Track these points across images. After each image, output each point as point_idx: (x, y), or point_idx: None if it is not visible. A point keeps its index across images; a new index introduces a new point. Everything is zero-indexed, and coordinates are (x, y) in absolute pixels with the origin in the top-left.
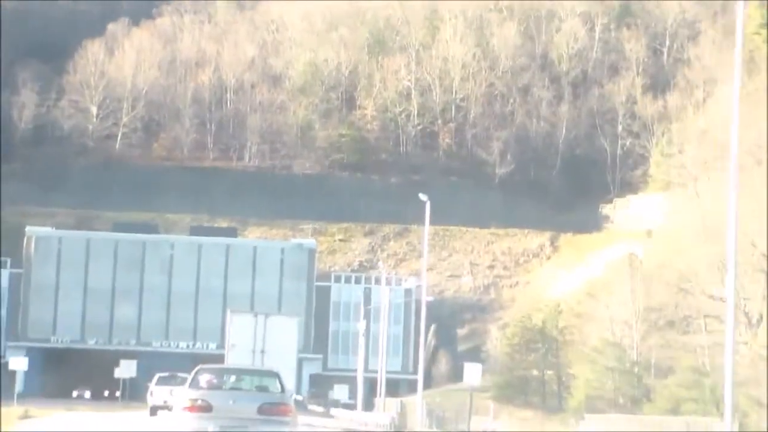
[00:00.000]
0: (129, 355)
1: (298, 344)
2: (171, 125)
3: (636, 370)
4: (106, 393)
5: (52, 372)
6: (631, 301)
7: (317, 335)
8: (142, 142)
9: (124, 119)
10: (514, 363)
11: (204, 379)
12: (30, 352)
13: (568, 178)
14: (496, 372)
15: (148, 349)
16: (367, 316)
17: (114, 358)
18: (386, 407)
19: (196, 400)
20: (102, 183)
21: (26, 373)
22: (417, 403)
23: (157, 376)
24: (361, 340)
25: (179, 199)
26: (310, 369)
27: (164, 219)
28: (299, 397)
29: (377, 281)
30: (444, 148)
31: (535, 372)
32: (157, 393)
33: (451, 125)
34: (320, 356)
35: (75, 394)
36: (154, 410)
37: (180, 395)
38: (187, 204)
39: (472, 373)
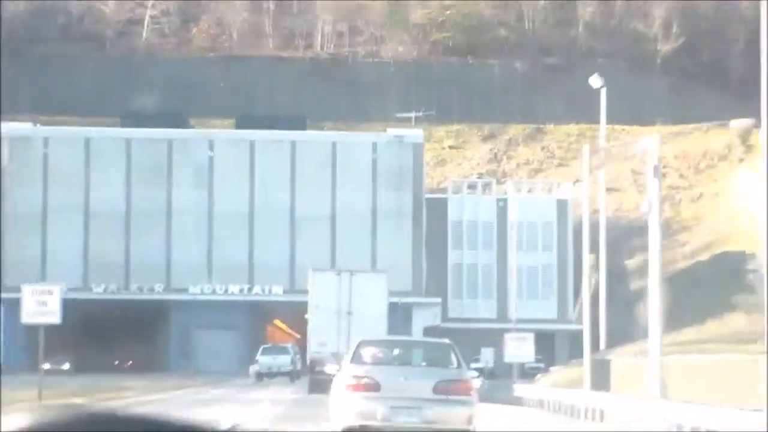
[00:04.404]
0: (156, 305)
1: (389, 303)
2: (215, 5)
3: None
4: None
5: (45, 334)
6: None
7: (432, 270)
8: (177, 28)
9: None
10: None
11: (368, 352)
12: (8, 306)
13: (756, 55)
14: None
15: (184, 297)
16: (502, 240)
17: (134, 311)
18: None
19: (361, 377)
20: (124, 85)
21: (5, 336)
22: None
23: (261, 347)
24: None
25: (228, 101)
26: (423, 319)
27: (208, 126)
28: (474, 373)
29: (516, 188)
30: (585, 19)
31: None
32: (262, 362)
33: None
34: (438, 300)
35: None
36: (260, 377)
37: (341, 372)
38: (238, 108)
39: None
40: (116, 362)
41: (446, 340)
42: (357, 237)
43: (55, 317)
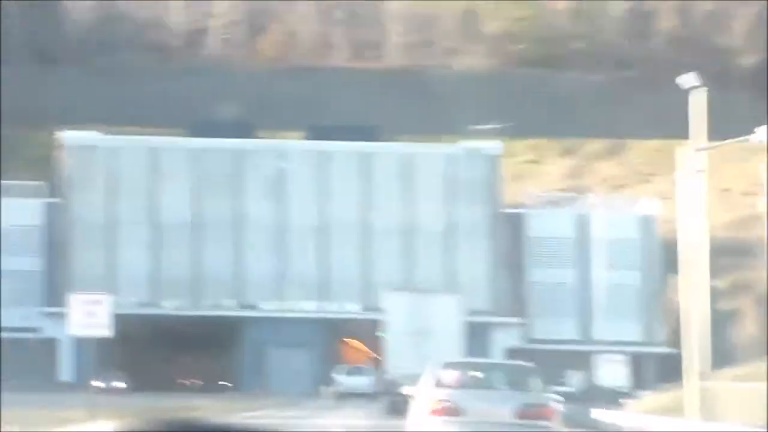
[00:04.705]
0: (226, 322)
1: (464, 323)
2: (283, 15)
3: None
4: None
5: (110, 351)
6: None
7: (511, 288)
8: (245, 38)
9: (219, 8)
10: None
11: (449, 375)
12: None
13: None
14: None
15: (255, 314)
16: (583, 257)
17: (203, 327)
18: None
19: (442, 401)
20: (191, 96)
21: (75, 353)
22: None
23: (340, 367)
24: None
25: (297, 113)
26: (505, 340)
27: (276, 138)
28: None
29: (599, 203)
30: (664, 31)
31: None
32: (340, 382)
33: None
34: (518, 320)
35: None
36: (338, 397)
37: (421, 395)
38: (307, 120)
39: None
40: (180, 381)
41: (528, 363)
42: (433, 252)
43: (104, 329)
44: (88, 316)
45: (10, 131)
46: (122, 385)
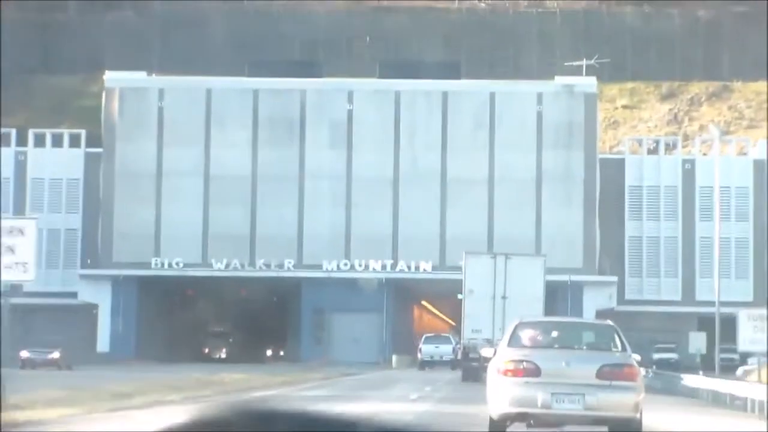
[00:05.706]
0: (283, 283)
1: (545, 287)
2: None
3: None
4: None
5: (156, 318)
6: None
7: (606, 243)
8: None
9: None
10: None
11: (526, 335)
12: (118, 285)
13: None
14: None
15: (317, 274)
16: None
17: (258, 289)
18: None
19: (520, 361)
20: (260, 40)
21: (113, 320)
22: None
23: (424, 336)
24: None
25: (372, 56)
26: (596, 301)
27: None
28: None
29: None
30: None
31: None
32: (425, 351)
33: None
34: (614, 279)
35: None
36: (422, 365)
37: (497, 355)
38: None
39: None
40: (226, 350)
41: (609, 322)
42: (518, 204)
43: (26, 273)
44: (6, 253)
45: (63, 80)
46: (56, 355)
